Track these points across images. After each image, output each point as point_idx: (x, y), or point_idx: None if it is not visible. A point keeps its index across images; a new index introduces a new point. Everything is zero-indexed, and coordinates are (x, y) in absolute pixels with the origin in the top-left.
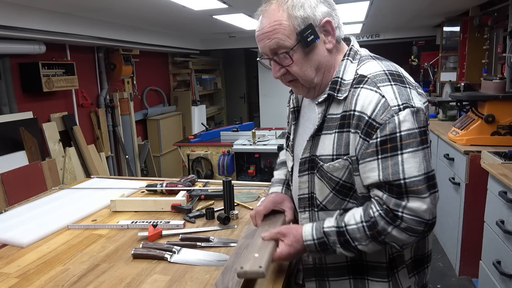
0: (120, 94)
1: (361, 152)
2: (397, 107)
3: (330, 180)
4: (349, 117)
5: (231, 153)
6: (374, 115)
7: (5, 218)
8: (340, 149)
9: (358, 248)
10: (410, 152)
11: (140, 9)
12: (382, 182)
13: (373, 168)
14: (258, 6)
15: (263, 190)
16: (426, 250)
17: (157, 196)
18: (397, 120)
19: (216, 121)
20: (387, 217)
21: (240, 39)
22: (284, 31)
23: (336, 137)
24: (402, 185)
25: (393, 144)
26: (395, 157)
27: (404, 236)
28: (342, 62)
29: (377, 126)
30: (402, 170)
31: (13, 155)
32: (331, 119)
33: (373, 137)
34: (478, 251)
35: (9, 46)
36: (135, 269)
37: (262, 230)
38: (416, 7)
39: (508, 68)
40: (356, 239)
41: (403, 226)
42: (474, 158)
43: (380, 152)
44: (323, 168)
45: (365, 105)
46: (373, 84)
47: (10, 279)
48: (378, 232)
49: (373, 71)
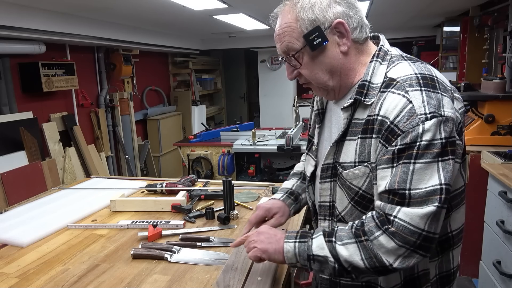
0: (120, 94)
1: (378, 158)
2: (423, 116)
3: (349, 189)
4: (372, 122)
5: (231, 153)
6: (397, 121)
7: (5, 218)
8: (363, 156)
9: (337, 249)
10: (423, 163)
11: (140, 9)
12: (387, 190)
13: (385, 176)
14: (258, 6)
15: (263, 190)
16: (451, 266)
17: (157, 196)
18: (421, 129)
19: (216, 121)
20: (377, 220)
21: (240, 39)
22: (292, 33)
23: (359, 143)
24: (406, 195)
25: (409, 152)
26: (407, 165)
27: (393, 244)
28: (370, 64)
29: (399, 133)
30: (410, 180)
31: (13, 155)
32: (356, 124)
33: (392, 143)
34: (478, 251)
35: (9, 46)
36: (135, 269)
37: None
38: (416, 7)
39: (508, 68)
40: (339, 237)
41: (391, 231)
42: (474, 158)
43: (396, 160)
44: (342, 176)
45: (390, 110)
46: (402, 88)
47: (10, 279)
48: (363, 232)
49: (404, 74)
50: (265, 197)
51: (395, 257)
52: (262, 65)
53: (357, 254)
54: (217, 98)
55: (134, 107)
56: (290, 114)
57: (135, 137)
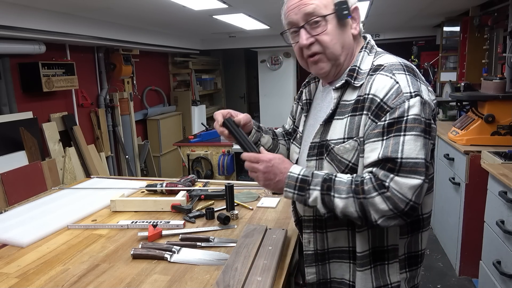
0: (120, 94)
1: (367, 132)
2: (408, 94)
3: (340, 163)
4: (363, 100)
5: (231, 153)
6: (386, 99)
7: (5, 218)
8: (351, 132)
9: (334, 202)
10: (412, 135)
11: (140, 9)
12: (380, 159)
13: (376, 148)
14: (258, 6)
15: (263, 190)
16: (419, 248)
17: (157, 196)
18: (407, 105)
19: None
20: (375, 183)
21: (240, 39)
22: (322, 0)
23: (348, 121)
24: (397, 163)
25: (398, 125)
26: (397, 137)
27: (385, 206)
28: (359, 53)
29: (388, 109)
30: (401, 149)
31: (13, 155)
32: (344, 105)
33: (381, 119)
34: (478, 251)
35: (9, 46)
36: (135, 269)
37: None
38: (416, 7)
39: (508, 68)
40: (338, 190)
41: (387, 195)
42: (474, 158)
43: (386, 133)
44: (333, 151)
45: (379, 89)
46: (389, 71)
47: (10, 279)
48: (362, 190)
49: (390, 61)
50: (265, 197)
51: (381, 215)
52: (262, 65)
53: (352, 206)
54: (217, 98)
55: (134, 107)
56: None
57: (135, 137)
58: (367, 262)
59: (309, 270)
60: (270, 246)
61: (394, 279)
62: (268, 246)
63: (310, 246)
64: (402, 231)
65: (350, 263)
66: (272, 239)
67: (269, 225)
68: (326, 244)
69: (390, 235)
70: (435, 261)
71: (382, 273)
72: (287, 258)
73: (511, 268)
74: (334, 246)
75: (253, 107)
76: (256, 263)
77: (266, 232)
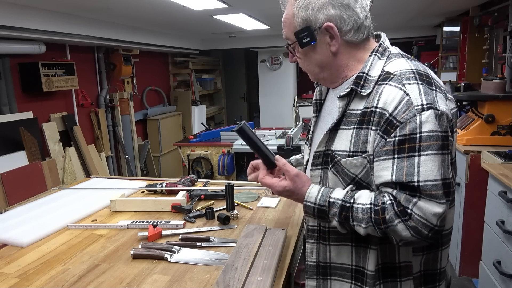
0: (120, 94)
1: (377, 149)
2: (420, 107)
3: (346, 176)
4: (370, 113)
5: (231, 153)
6: (395, 113)
7: (5, 218)
8: (357, 146)
9: (354, 229)
10: (428, 155)
11: (140, 9)
12: (394, 182)
13: (387, 167)
14: (258, 6)
15: (263, 190)
16: (438, 266)
17: (157, 196)
18: (419, 120)
19: (216, 121)
20: (397, 209)
21: (240, 39)
22: (290, 26)
23: (354, 134)
24: (415, 188)
25: (411, 144)
26: (412, 158)
27: (407, 234)
28: (369, 57)
29: (397, 125)
30: (417, 172)
31: (13, 155)
32: (351, 114)
33: (391, 135)
34: (478, 251)
35: (9, 46)
36: (135, 269)
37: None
38: (416, 7)
39: (508, 68)
40: (358, 219)
41: (411, 224)
42: (474, 158)
43: (397, 152)
44: (340, 163)
45: (388, 102)
46: (399, 81)
47: (10, 279)
48: (383, 220)
49: (400, 69)
50: (265, 197)
51: (404, 240)
52: (262, 65)
53: (373, 232)
54: (217, 98)
55: (134, 107)
56: (290, 114)
57: (135, 137)
58: (376, 278)
59: (309, 282)
60: (270, 246)
61: None
62: (268, 246)
63: (312, 257)
64: (416, 248)
65: (352, 283)
66: (272, 239)
67: (269, 225)
68: (329, 257)
69: (402, 252)
70: None
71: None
72: (287, 258)
73: (511, 268)
74: (337, 261)
75: (253, 107)
76: (256, 263)
77: (266, 232)
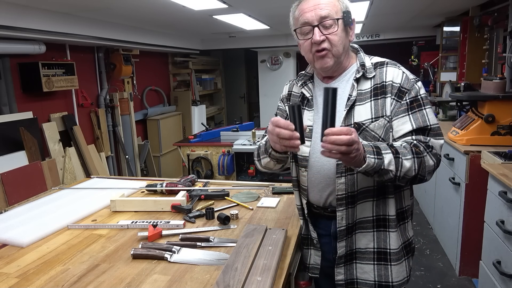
0: (120, 94)
1: (395, 110)
2: (414, 79)
3: (374, 138)
4: (382, 86)
5: (231, 153)
6: (402, 84)
7: (5, 218)
8: (378, 112)
9: (403, 163)
10: (428, 108)
11: (140, 9)
12: (415, 129)
13: (406, 121)
14: (258, 6)
15: (263, 190)
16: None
17: (157, 196)
18: (417, 86)
19: (216, 121)
20: (424, 145)
21: (240, 39)
22: (334, 7)
23: (372, 104)
24: (428, 129)
25: (418, 102)
26: (422, 111)
27: (431, 162)
28: (359, 54)
29: (406, 91)
30: (427, 119)
31: (13, 155)
32: (361, 93)
33: (403, 99)
34: (478, 251)
35: (9, 46)
36: (135, 269)
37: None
38: (416, 7)
39: (508, 68)
40: (403, 153)
41: (433, 152)
42: (474, 158)
43: (410, 109)
44: (368, 128)
45: (395, 77)
46: (394, 65)
47: (10, 279)
48: (419, 151)
49: (384, 59)
50: (265, 197)
51: (429, 170)
52: (262, 65)
53: (413, 165)
54: (217, 98)
55: (134, 107)
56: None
57: (135, 137)
58: (395, 224)
59: (340, 244)
60: (270, 246)
61: (411, 233)
62: (268, 246)
63: (342, 223)
64: (411, 192)
65: (374, 231)
66: (272, 239)
67: (269, 225)
68: (355, 216)
69: (406, 197)
70: (435, 261)
71: (404, 230)
72: (287, 258)
73: (511, 268)
74: (360, 217)
75: (253, 107)
76: (256, 263)
77: (266, 232)
